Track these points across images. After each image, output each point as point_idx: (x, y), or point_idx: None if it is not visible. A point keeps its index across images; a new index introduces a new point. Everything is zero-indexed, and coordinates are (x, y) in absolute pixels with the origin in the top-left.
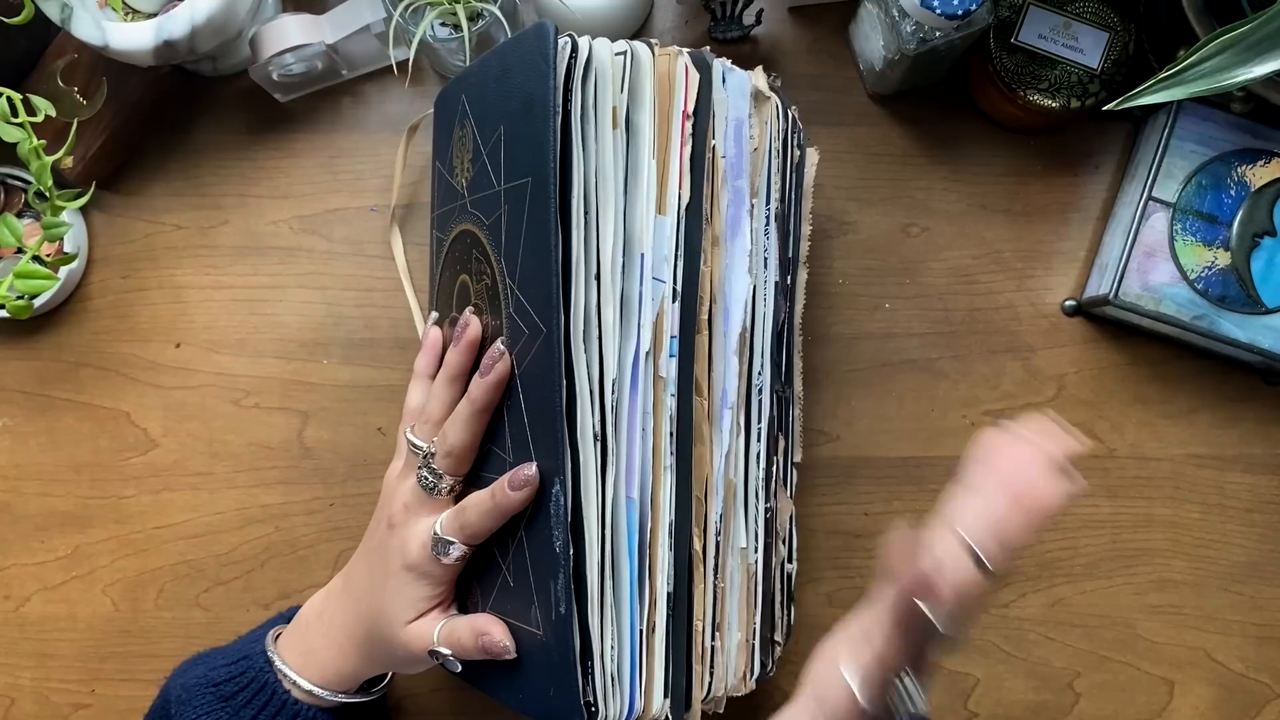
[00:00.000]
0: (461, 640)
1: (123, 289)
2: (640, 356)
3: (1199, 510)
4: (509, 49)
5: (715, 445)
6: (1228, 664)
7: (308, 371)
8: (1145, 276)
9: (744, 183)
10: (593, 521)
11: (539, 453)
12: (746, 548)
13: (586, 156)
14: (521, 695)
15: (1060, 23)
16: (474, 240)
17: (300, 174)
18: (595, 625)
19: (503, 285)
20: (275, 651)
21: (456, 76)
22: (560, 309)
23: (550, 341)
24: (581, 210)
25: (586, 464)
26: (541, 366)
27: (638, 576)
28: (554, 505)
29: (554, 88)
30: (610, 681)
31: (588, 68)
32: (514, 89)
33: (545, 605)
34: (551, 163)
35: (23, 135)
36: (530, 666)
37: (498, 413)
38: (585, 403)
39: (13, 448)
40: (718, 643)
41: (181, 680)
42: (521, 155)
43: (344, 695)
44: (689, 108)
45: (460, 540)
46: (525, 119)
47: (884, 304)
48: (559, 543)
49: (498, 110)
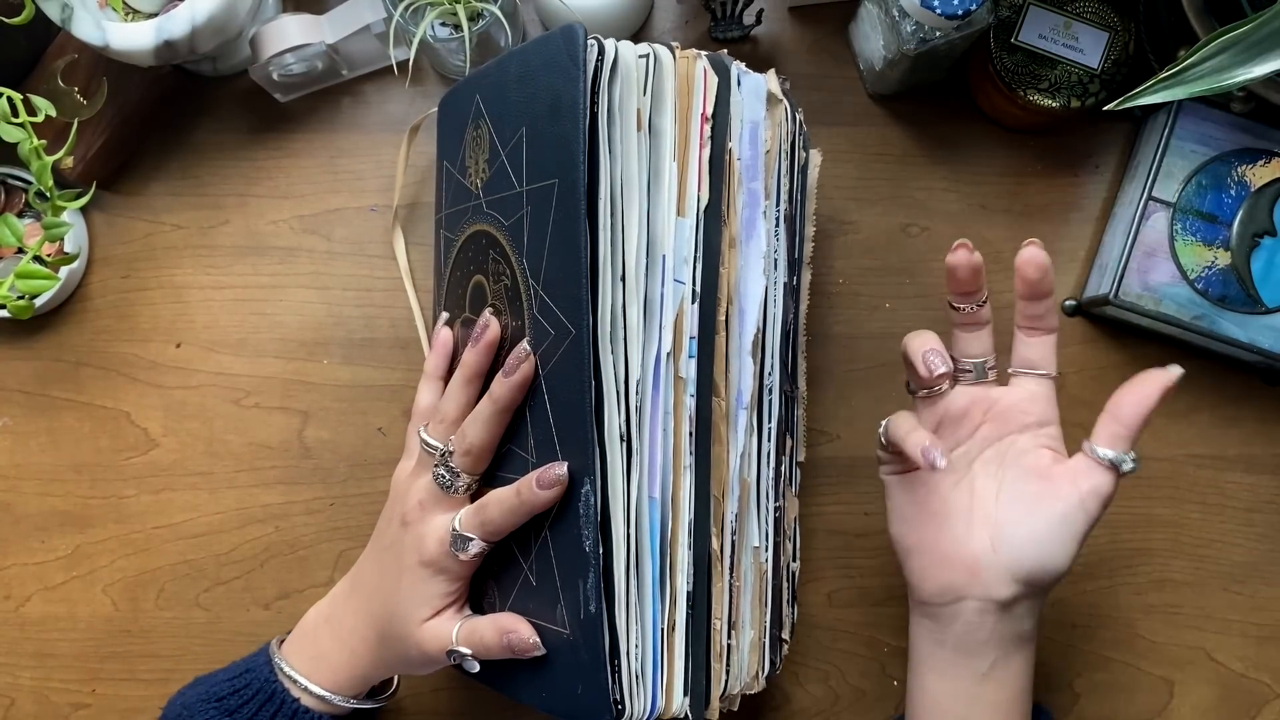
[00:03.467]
0: (484, 639)
1: (123, 289)
2: (662, 357)
3: (1199, 510)
4: (533, 50)
5: (731, 445)
6: (1228, 664)
7: (308, 371)
8: (1145, 276)
9: (759, 185)
10: (619, 521)
11: (566, 453)
12: (759, 546)
13: (613, 158)
14: (545, 694)
15: (1060, 22)
16: (491, 240)
17: (300, 174)
18: (622, 624)
19: (525, 286)
20: (281, 658)
21: (468, 76)
22: (590, 310)
23: (579, 342)
24: (608, 212)
25: (614, 464)
26: (570, 367)
27: (659, 575)
28: (583, 505)
29: (584, 90)
30: (635, 680)
31: (614, 70)
32: (539, 90)
33: (573, 604)
34: (581, 165)
35: (23, 135)
36: (556, 666)
37: (519, 413)
38: (612, 403)
39: (13, 448)
40: (733, 641)
41: (181, 700)
42: (547, 157)
43: (355, 700)
44: (708, 110)
45: (480, 536)
46: (551, 120)
47: (884, 304)
48: (589, 542)
49: (519, 111)
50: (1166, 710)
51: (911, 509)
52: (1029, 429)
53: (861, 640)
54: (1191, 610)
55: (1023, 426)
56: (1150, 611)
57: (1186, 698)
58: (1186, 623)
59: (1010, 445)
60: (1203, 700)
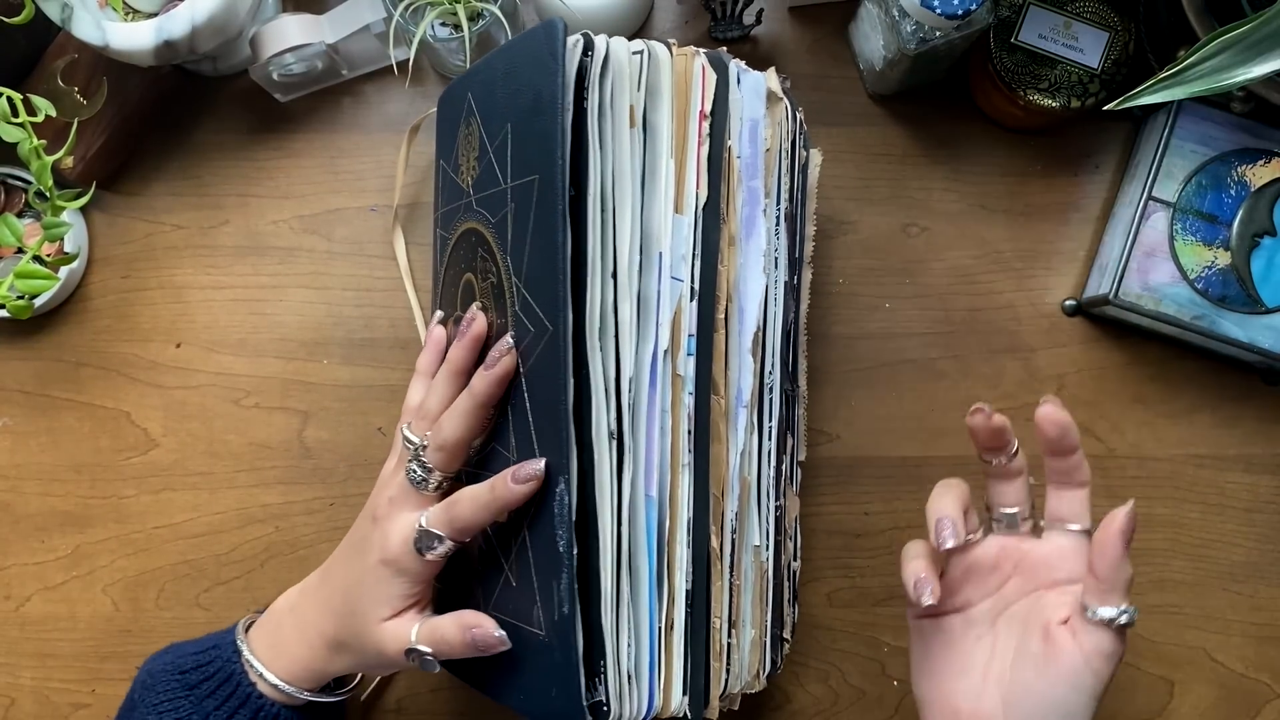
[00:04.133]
0: (446, 636)
1: (123, 289)
2: (659, 355)
3: (1199, 510)
4: (516, 46)
5: (731, 444)
6: (1228, 664)
7: (308, 371)
8: (1145, 276)
9: (758, 183)
10: (607, 520)
11: (544, 451)
12: (760, 545)
13: (604, 155)
14: (523, 696)
15: (1060, 22)
16: (479, 238)
17: (300, 174)
18: (609, 624)
19: (508, 283)
20: (245, 641)
21: (462, 75)
22: (568, 307)
23: (556, 340)
24: (598, 209)
25: (601, 462)
26: (548, 364)
27: (656, 574)
28: (558, 505)
29: (562, 84)
30: (627, 680)
31: (605, 66)
32: (522, 86)
33: (548, 605)
34: (560, 160)
35: (23, 135)
36: (533, 667)
37: (502, 410)
38: (600, 401)
39: (13, 448)
40: (734, 640)
41: (149, 666)
42: (529, 152)
43: (310, 693)
44: (706, 107)
45: (448, 534)
46: (533, 116)
47: (884, 304)
48: (562, 542)
49: (505, 108)
50: (1166, 710)
51: (930, 660)
52: (1058, 585)
53: (861, 640)
54: (1191, 610)
55: (1052, 583)
56: (1150, 611)
57: (1186, 698)
58: (1186, 623)
59: (1036, 601)
60: (1203, 700)
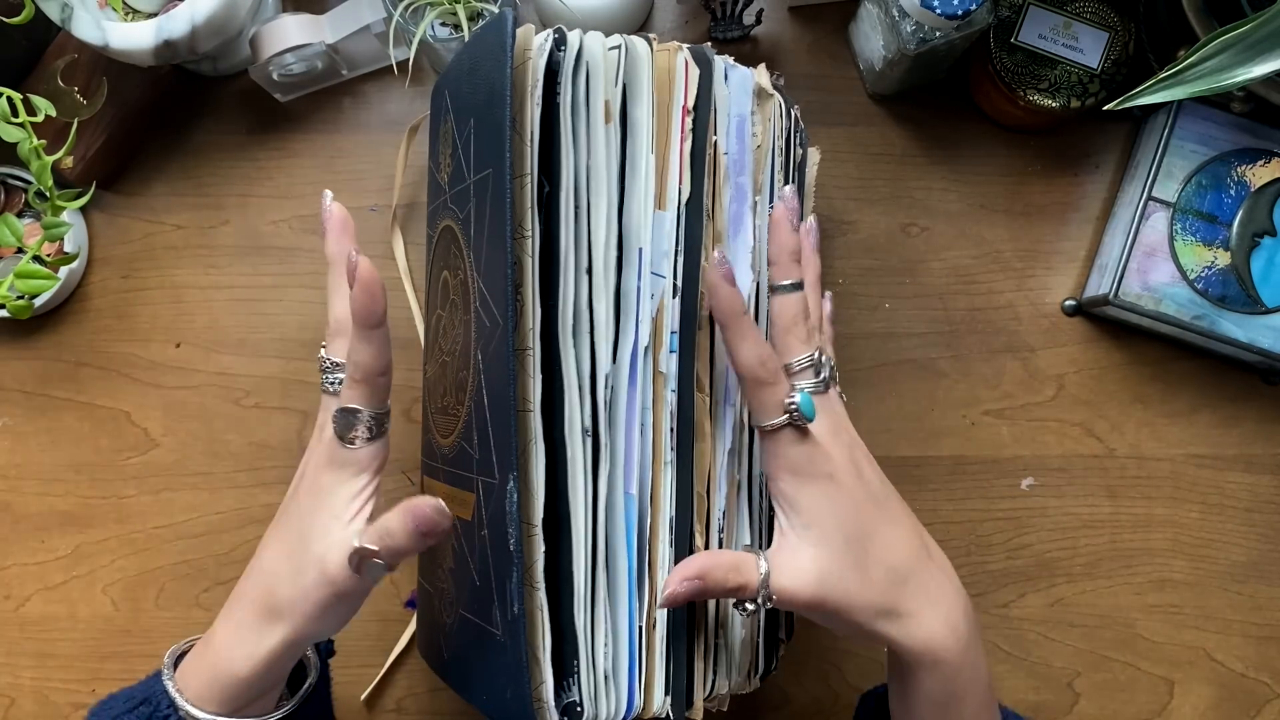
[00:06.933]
0: (390, 526)
1: (123, 289)
2: (639, 352)
3: (1199, 510)
4: (476, 41)
5: (718, 442)
6: (1228, 664)
7: (308, 371)
8: (1145, 276)
9: (746, 179)
10: (580, 518)
11: (496, 447)
12: (751, 544)
13: (576, 150)
14: (485, 696)
15: (1060, 22)
16: (452, 235)
17: (300, 174)
18: (583, 623)
19: (471, 278)
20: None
21: (441, 73)
22: (512, 302)
23: (505, 335)
24: (571, 204)
25: (574, 459)
26: (499, 360)
27: (637, 573)
28: (509, 503)
29: (509, 76)
30: (603, 679)
31: (578, 61)
32: (480, 81)
33: (503, 605)
34: (508, 153)
35: (23, 135)
36: (494, 668)
37: (468, 409)
38: (574, 398)
39: (13, 448)
40: (721, 640)
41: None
42: (485, 147)
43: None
44: (689, 103)
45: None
46: (488, 109)
47: (884, 304)
48: (513, 541)
49: (469, 103)
50: (1166, 710)
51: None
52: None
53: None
54: (1191, 610)
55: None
56: (1150, 611)
57: (1186, 698)
58: (1186, 623)
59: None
60: (1203, 700)
